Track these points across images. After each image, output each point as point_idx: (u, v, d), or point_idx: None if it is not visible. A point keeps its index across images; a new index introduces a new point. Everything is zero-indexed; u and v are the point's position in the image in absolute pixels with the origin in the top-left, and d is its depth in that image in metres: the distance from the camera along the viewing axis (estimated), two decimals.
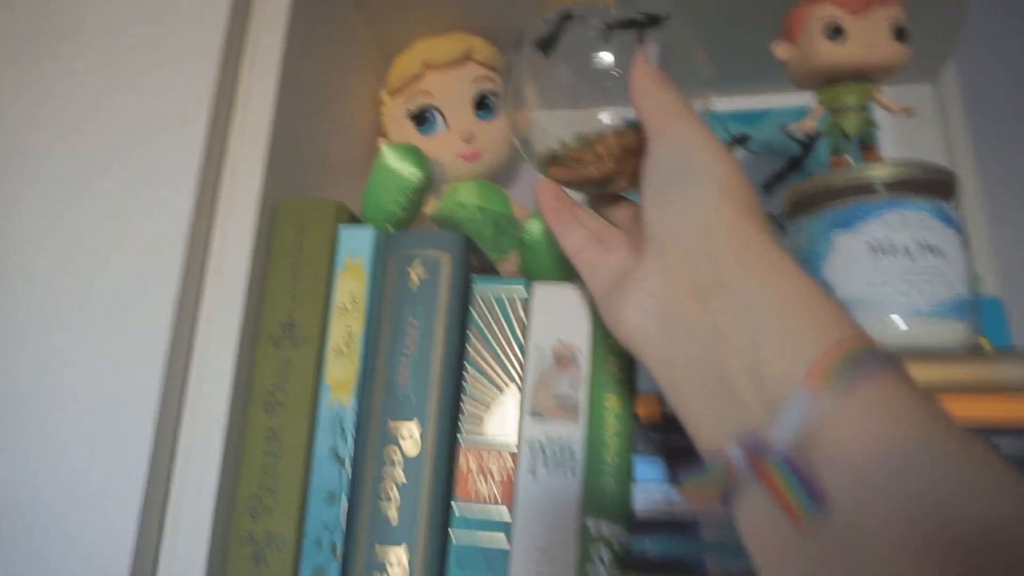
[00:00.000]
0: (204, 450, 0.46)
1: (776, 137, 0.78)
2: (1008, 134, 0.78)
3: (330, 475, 0.46)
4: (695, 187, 0.34)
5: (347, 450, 0.46)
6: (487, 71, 0.69)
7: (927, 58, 0.72)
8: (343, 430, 0.46)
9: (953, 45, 0.71)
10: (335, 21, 0.65)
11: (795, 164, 0.77)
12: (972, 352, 0.43)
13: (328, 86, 0.64)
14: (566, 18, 0.44)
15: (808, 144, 0.79)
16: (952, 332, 0.44)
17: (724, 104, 0.80)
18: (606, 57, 0.41)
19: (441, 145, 0.68)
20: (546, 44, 0.44)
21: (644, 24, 0.41)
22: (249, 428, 0.47)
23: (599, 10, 0.43)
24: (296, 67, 0.57)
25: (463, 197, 0.67)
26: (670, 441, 0.42)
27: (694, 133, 0.35)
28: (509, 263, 0.60)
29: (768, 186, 0.77)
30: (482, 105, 0.69)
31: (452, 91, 0.68)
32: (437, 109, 0.68)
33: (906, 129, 0.75)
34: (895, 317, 0.44)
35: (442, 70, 0.68)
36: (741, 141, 0.79)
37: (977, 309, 0.45)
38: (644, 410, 0.43)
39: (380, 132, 0.72)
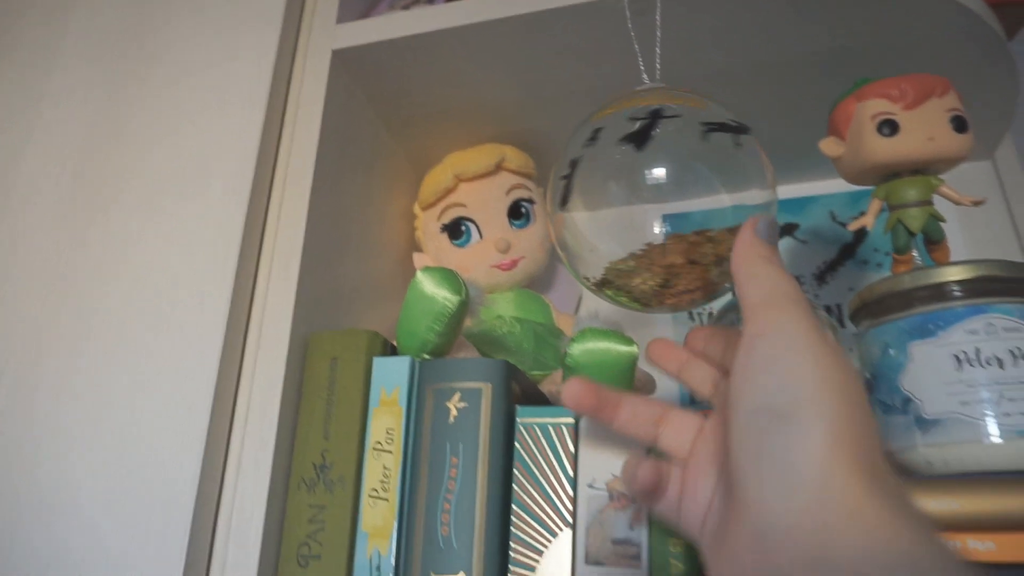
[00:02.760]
0: None
1: (825, 224, 0.75)
2: None
3: None
4: (801, 439, 0.27)
5: None
6: (520, 179, 0.68)
7: (984, 134, 0.69)
8: None
9: (1010, 120, 0.67)
10: (365, 141, 0.65)
11: (848, 252, 0.73)
12: None
13: (360, 206, 0.63)
14: (657, 114, 0.41)
15: (860, 230, 0.75)
16: None
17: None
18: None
19: (476, 256, 0.66)
20: (639, 139, 0.41)
21: (737, 130, 0.39)
22: None
23: (690, 109, 0.41)
24: (327, 192, 0.56)
25: (501, 309, 0.65)
26: None
27: (802, 338, 0.29)
28: (552, 382, 0.57)
29: (821, 276, 0.73)
30: (516, 213, 0.67)
31: (485, 201, 0.67)
32: (471, 220, 0.66)
33: (967, 209, 0.71)
34: (993, 437, 0.39)
35: (474, 181, 0.67)
36: (789, 231, 0.75)
37: None
38: None
39: (415, 247, 0.71)
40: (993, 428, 0.39)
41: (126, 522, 0.44)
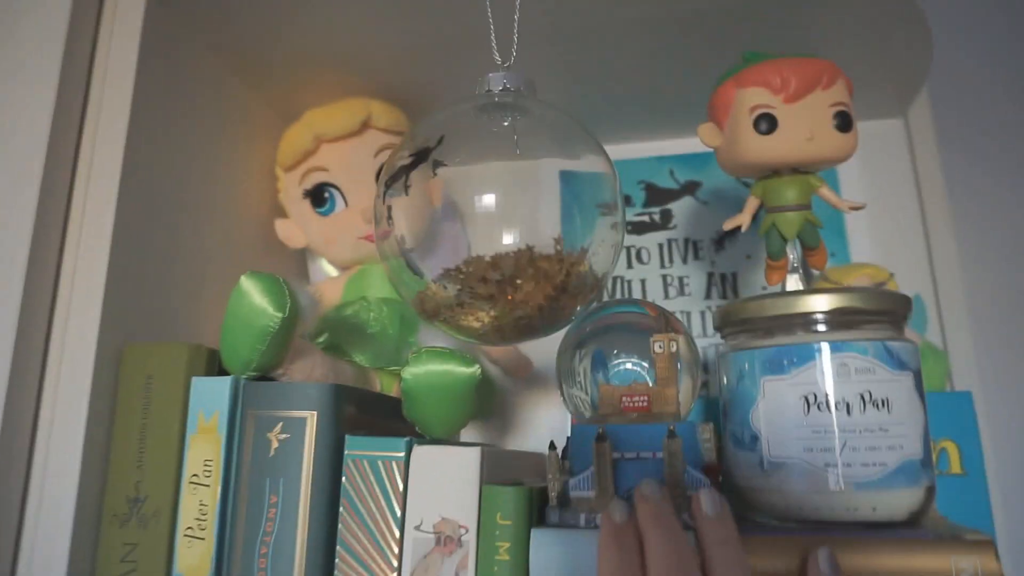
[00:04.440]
0: None
1: (730, 184, 0.70)
2: (979, 168, 0.70)
3: None
4: None
5: None
6: (391, 138, 0.61)
7: (897, 91, 0.64)
8: None
9: (923, 80, 0.62)
10: (210, 96, 0.57)
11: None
12: (925, 533, 0.36)
13: (208, 170, 0.56)
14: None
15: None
16: (902, 503, 0.37)
17: (670, 147, 0.71)
18: None
19: (341, 226, 0.60)
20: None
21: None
22: None
23: None
24: (149, 160, 0.49)
25: (369, 286, 0.60)
26: None
27: None
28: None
29: (719, 240, 0.69)
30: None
31: (350, 165, 0.60)
32: (335, 186, 0.60)
33: (876, 165, 0.67)
34: (834, 487, 0.37)
35: (337, 142, 0.60)
36: (690, 189, 0.70)
37: (931, 467, 0.38)
38: None
39: (279, 212, 0.64)
40: (832, 478, 0.37)
41: None
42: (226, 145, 0.59)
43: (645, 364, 0.46)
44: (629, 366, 0.45)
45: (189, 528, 0.41)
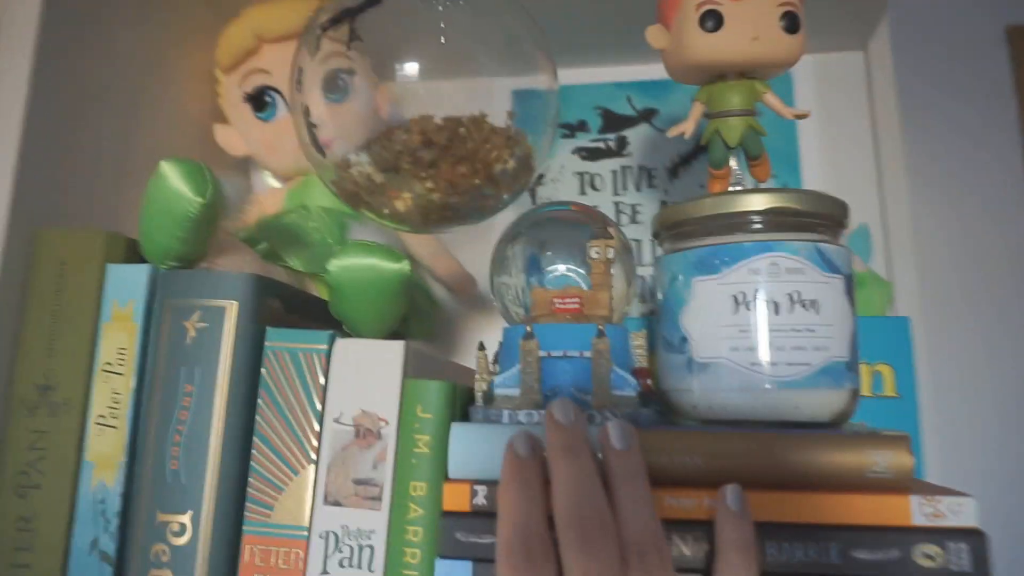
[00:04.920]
0: None
1: (687, 111, 0.69)
2: (935, 103, 0.70)
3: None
4: None
5: (112, 545, 0.38)
6: (337, 44, 0.58)
7: (856, 23, 0.63)
8: (107, 519, 0.39)
9: (883, 11, 0.61)
10: None
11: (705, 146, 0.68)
12: (845, 433, 0.36)
13: (133, 68, 0.53)
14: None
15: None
16: (825, 403, 0.37)
17: (629, 73, 0.70)
18: None
19: (283, 133, 0.58)
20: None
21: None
22: None
23: None
24: (65, 54, 0.46)
25: (311, 196, 0.58)
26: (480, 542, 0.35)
27: None
28: None
29: (673, 169, 0.68)
30: (332, 86, 0.58)
31: None
32: (276, 90, 0.57)
33: (832, 99, 0.67)
34: (759, 386, 0.36)
35: (281, 42, 0.57)
36: (646, 116, 0.69)
37: (856, 372, 0.38)
38: (452, 501, 0.36)
39: (219, 118, 0.62)
40: (757, 377, 0.36)
41: None
42: (157, 41, 0.56)
43: (581, 271, 0.45)
44: (563, 270, 0.44)
45: (101, 416, 0.40)
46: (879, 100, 0.64)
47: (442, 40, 0.41)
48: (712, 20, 0.40)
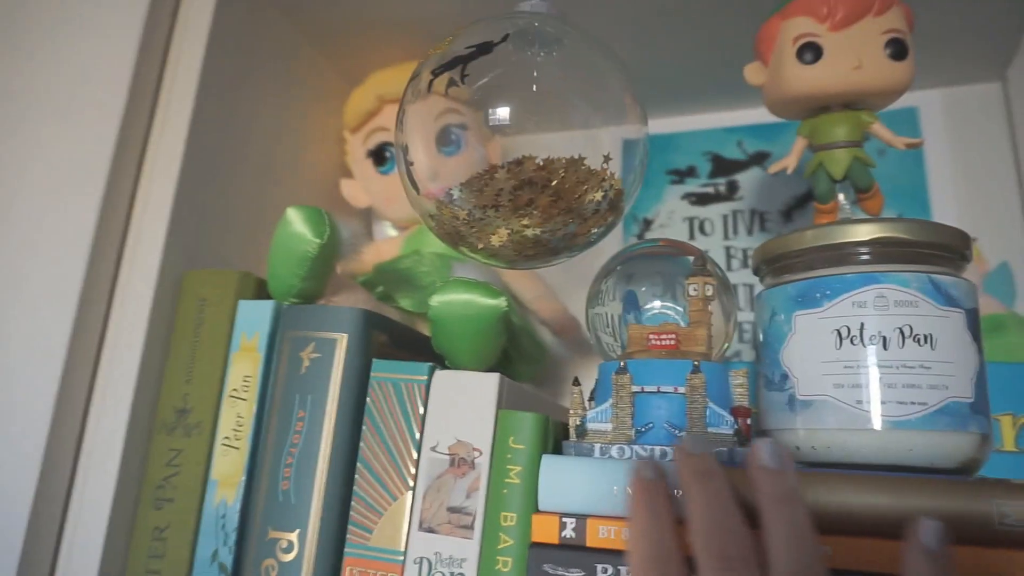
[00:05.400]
0: (85, 548, 0.43)
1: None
2: None
3: None
4: None
5: (229, 558, 0.41)
6: (451, 102, 0.62)
7: (994, 51, 0.59)
8: (226, 533, 0.42)
9: (1022, 41, 0.57)
10: (280, 57, 0.61)
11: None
12: (968, 481, 0.33)
13: (275, 129, 0.59)
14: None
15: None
16: (945, 447, 0.34)
17: (740, 117, 0.69)
18: None
19: (400, 185, 0.62)
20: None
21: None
22: (137, 526, 0.44)
23: None
24: (218, 115, 0.53)
25: (428, 243, 0.61)
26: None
27: None
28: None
29: (787, 212, 0.66)
30: (445, 140, 0.62)
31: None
32: None
33: (966, 132, 0.62)
34: (866, 425, 0.34)
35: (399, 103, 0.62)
36: (758, 160, 0.68)
37: (986, 416, 0.35)
38: (541, 533, 0.36)
39: (346, 174, 0.67)
40: (863, 416, 0.34)
41: None
42: (293, 105, 0.62)
43: (679, 308, 0.44)
44: (659, 307, 0.44)
45: (226, 438, 0.43)
46: (1021, 131, 0.59)
47: (534, 88, 0.43)
48: (811, 52, 0.40)
